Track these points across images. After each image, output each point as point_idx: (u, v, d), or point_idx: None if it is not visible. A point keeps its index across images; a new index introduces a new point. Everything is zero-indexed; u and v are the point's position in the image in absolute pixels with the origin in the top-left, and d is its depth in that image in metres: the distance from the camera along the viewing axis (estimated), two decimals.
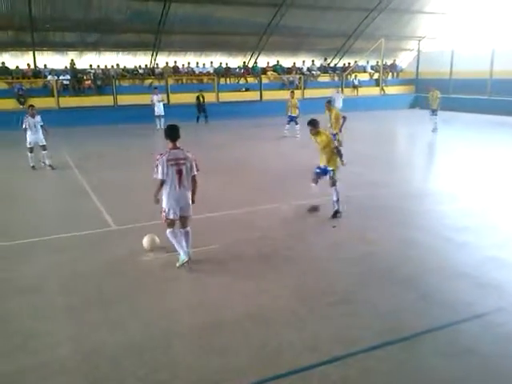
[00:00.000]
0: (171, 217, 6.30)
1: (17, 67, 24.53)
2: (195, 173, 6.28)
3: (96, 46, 26.08)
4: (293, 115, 18.54)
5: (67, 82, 24.84)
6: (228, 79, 28.67)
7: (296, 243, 7.30)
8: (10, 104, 22.46)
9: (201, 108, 23.59)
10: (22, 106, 22.19)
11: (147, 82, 26.66)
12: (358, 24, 29.54)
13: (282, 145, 17.00)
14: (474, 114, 25.32)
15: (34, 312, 5.35)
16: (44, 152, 13.23)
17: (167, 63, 27.61)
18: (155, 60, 27.55)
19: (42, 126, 13.10)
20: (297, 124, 18.27)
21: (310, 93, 27.98)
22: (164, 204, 6.29)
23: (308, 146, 10.28)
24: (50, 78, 24.52)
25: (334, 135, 10.28)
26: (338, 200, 8.38)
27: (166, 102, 22.35)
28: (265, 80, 28.72)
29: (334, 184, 8.36)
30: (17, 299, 5.67)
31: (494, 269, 6.22)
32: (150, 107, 21.39)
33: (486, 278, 5.97)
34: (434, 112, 19.57)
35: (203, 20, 25.47)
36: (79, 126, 21.68)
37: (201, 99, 23.54)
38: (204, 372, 4.25)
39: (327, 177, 8.47)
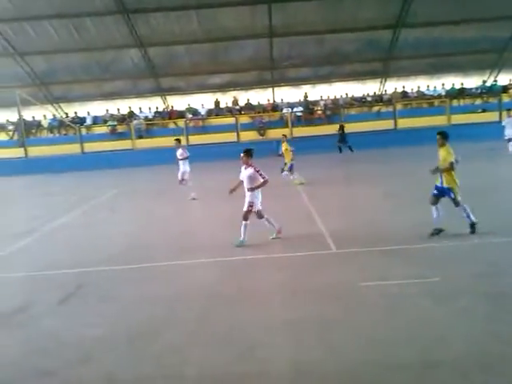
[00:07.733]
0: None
1: (258, 103, 27.62)
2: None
3: (327, 78, 27.58)
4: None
5: (300, 114, 26.77)
6: (462, 100, 26.85)
7: None
8: (251, 135, 25.29)
9: (341, 138, 23.43)
10: (261, 137, 24.78)
11: (375, 109, 26.86)
12: None
13: None
14: None
15: (257, 324, 5.80)
16: None
17: (396, 89, 27.39)
18: (384, 86, 27.61)
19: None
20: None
21: None
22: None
23: None
24: (285, 110, 26.81)
25: None
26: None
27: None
28: (506, 99, 25.93)
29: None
30: (243, 312, 6.22)
31: None
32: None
33: None
34: None
35: (434, 42, 24.56)
36: (310, 153, 22.97)
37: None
38: None
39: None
